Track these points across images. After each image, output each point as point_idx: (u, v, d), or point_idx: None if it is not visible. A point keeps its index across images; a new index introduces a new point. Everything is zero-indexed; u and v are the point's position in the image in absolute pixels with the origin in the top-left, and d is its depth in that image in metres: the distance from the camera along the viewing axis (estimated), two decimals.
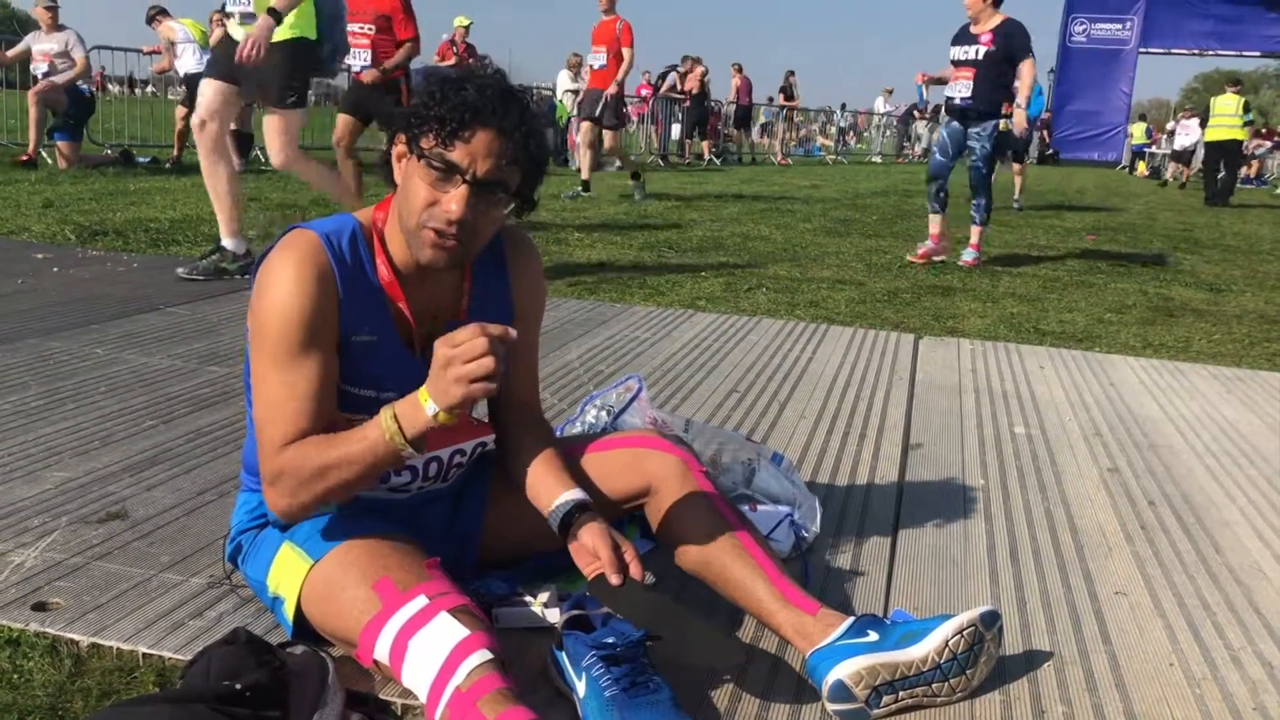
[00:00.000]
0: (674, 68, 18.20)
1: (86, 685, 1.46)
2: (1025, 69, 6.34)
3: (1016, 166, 11.77)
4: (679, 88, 18.18)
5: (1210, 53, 25.69)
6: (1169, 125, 23.61)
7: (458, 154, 1.41)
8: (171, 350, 3.26)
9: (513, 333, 1.32)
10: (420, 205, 1.44)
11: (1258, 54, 25.38)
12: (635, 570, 1.47)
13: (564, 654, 1.46)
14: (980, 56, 6.35)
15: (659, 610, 1.50)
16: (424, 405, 1.34)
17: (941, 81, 6.80)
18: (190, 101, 10.17)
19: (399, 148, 1.50)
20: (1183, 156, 21.18)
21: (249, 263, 4.49)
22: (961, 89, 6.44)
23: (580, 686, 1.41)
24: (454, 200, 1.42)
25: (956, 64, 6.50)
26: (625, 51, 9.25)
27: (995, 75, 6.35)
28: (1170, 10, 25.10)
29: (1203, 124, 19.04)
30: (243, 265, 4.48)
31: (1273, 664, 1.72)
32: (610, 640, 1.42)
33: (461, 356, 1.29)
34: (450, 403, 1.31)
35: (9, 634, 1.55)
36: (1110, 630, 1.80)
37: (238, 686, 1.26)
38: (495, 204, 1.47)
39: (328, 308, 1.46)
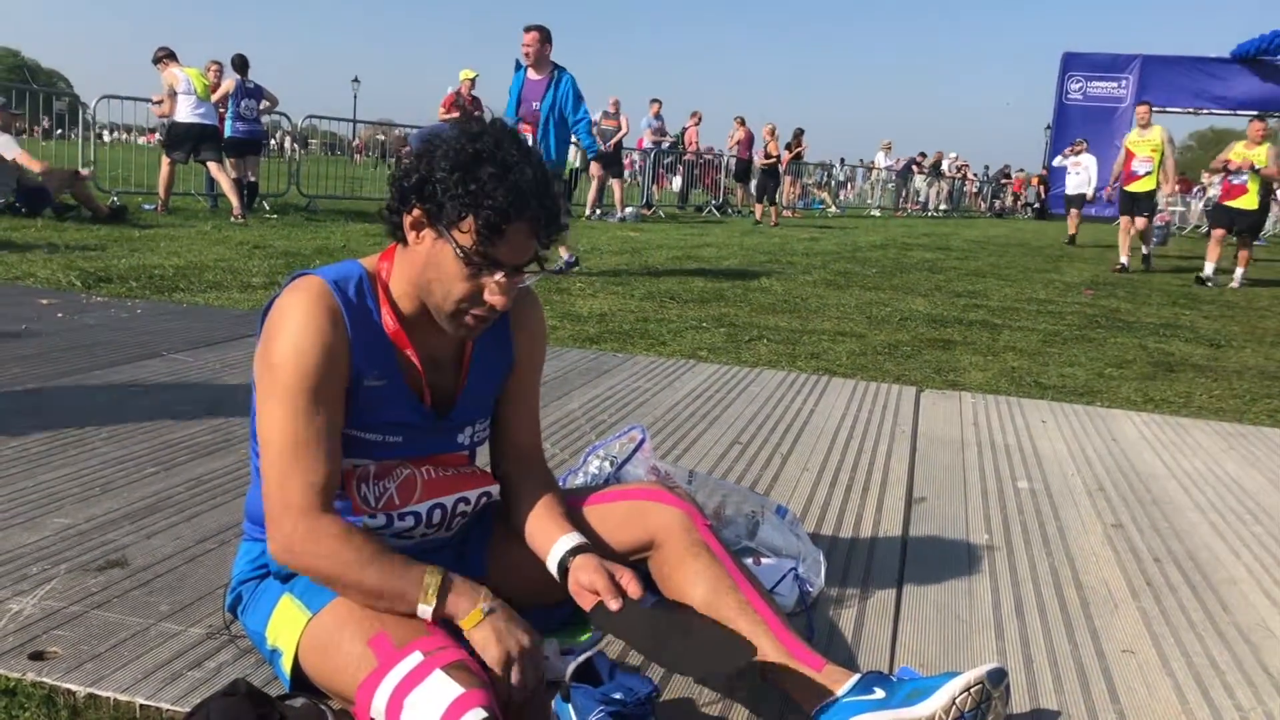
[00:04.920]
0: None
1: None
2: None
3: None
4: (685, 142, 18.39)
5: (1205, 111, 26.03)
6: (1058, 161, 18.62)
7: (501, 251, 1.43)
8: (174, 396, 3.26)
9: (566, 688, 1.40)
10: (460, 295, 1.46)
11: (1253, 113, 25.68)
12: (633, 589, 1.49)
13: (570, 707, 1.44)
14: None
15: (661, 627, 1.50)
16: (465, 618, 1.42)
17: None
18: (171, 149, 10.19)
19: (413, 215, 1.47)
20: (1075, 202, 16.63)
21: None
22: None
23: None
24: (499, 291, 1.46)
25: None
26: None
27: None
28: (1165, 69, 25.49)
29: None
30: None
31: None
32: (618, 696, 1.40)
33: (525, 662, 1.40)
34: (481, 649, 1.40)
35: (6, 684, 1.53)
36: (1118, 689, 1.78)
37: None
38: (524, 275, 1.50)
39: (339, 351, 1.47)
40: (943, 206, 27.53)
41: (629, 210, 14.96)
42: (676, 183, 19.72)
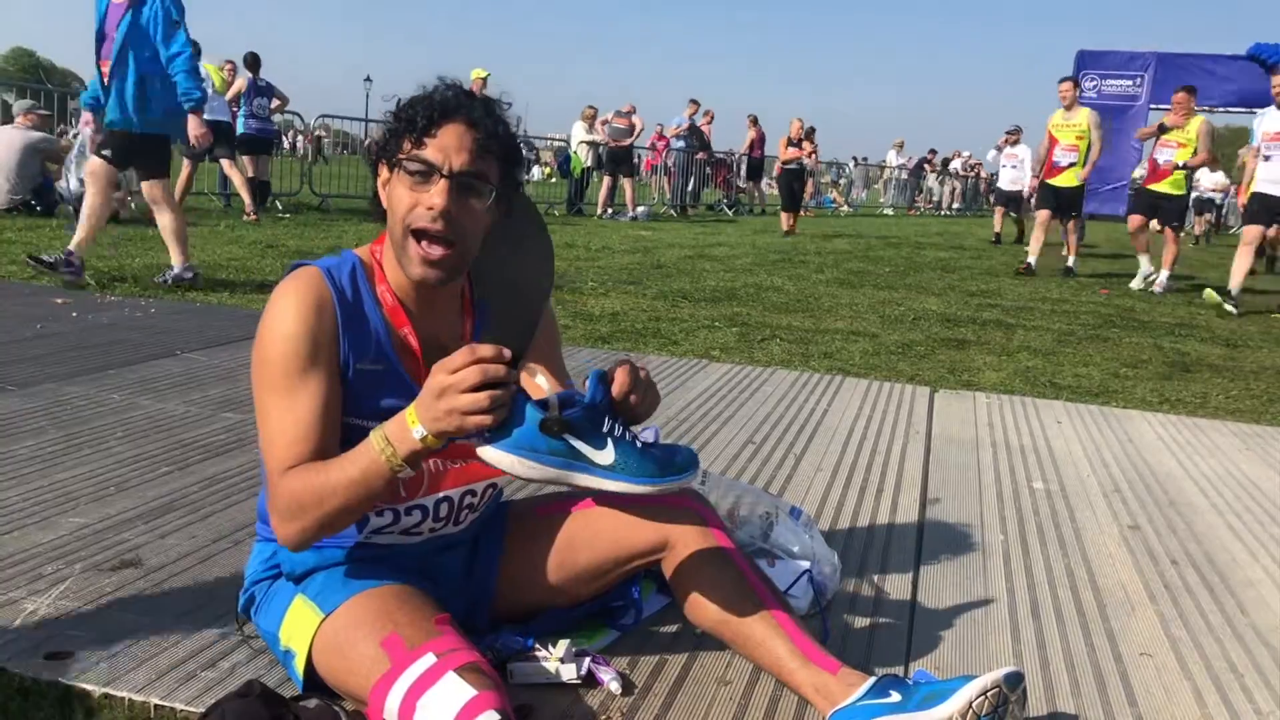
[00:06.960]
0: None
1: None
2: None
3: None
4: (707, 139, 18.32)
5: (1220, 109, 25.86)
6: (989, 155, 16.59)
7: (431, 151, 1.43)
8: (187, 396, 3.27)
9: (507, 352, 1.29)
10: (404, 211, 1.45)
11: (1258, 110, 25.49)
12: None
13: (572, 438, 1.36)
14: None
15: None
16: (411, 428, 1.33)
17: None
18: (187, 148, 10.24)
19: (382, 176, 1.51)
20: (1012, 201, 14.37)
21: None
22: None
23: (606, 454, 1.37)
24: (435, 194, 1.42)
25: None
26: None
27: None
28: (1180, 67, 25.30)
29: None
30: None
31: None
32: (600, 400, 1.38)
33: (456, 386, 1.28)
34: (439, 430, 1.31)
35: (20, 683, 1.54)
36: (1136, 692, 1.77)
37: None
38: (477, 196, 1.46)
39: (326, 335, 1.47)
40: (955, 205, 27.43)
41: (640, 209, 14.95)
42: (690, 181, 19.70)
